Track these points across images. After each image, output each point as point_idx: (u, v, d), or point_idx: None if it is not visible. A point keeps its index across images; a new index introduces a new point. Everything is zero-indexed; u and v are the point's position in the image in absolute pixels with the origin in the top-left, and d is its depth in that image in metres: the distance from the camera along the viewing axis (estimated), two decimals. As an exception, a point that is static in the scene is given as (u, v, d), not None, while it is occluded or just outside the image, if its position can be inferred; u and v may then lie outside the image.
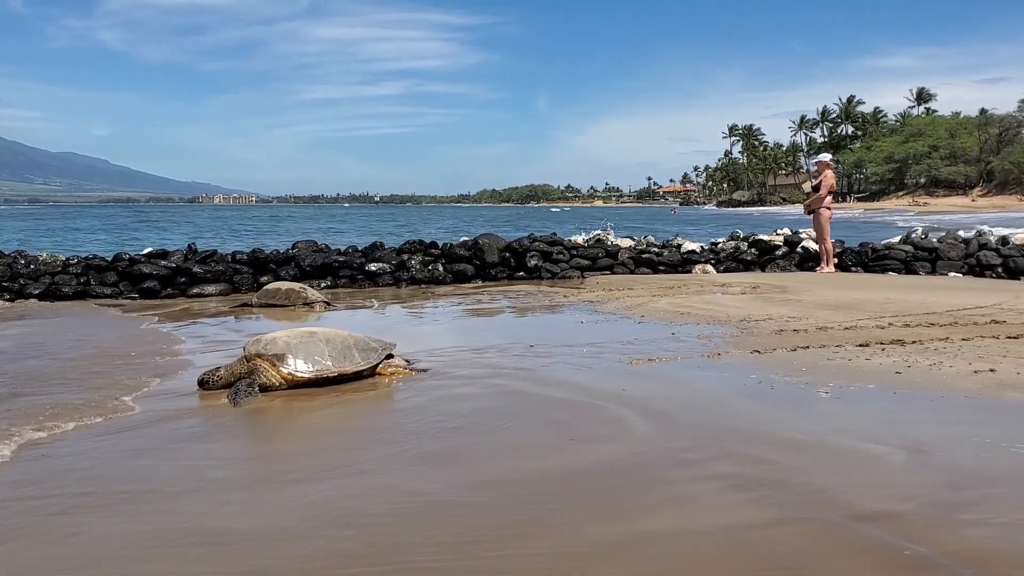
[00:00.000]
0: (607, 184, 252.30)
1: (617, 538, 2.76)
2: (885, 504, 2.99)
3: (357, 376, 5.20)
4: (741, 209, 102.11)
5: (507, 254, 12.58)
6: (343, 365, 5.11)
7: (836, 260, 12.83)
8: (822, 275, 12.24)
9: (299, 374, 4.97)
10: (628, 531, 2.81)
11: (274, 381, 4.93)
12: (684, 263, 13.39)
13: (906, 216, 51.99)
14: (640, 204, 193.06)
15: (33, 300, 9.99)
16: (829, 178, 12.74)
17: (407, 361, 5.58)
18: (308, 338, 5.13)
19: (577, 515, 2.96)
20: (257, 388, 4.84)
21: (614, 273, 12.84)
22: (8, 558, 2.67)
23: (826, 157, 13.32)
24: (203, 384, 5.02)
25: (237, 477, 3.47)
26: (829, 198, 12.70)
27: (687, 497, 3.11)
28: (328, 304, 9.34)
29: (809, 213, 12.81)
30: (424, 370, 5.49)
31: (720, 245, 14.40)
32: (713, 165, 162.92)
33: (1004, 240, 13.58)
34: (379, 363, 5.31)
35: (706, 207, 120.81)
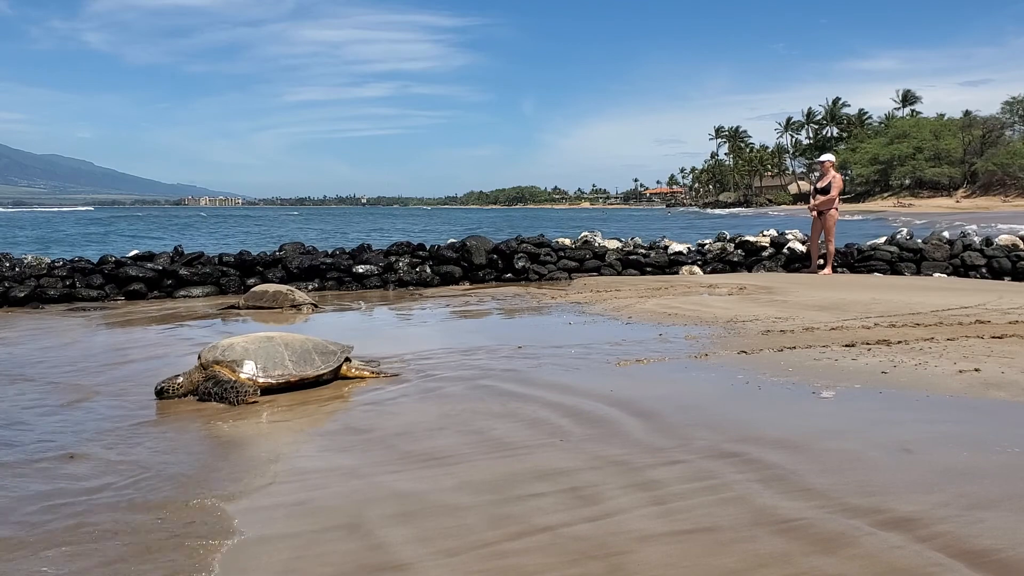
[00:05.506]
0: (594, 186, 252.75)
1: (606, 538, 2.77)
2: (873, 502, 3.02)
3: (318, 381, 5.12)
4: (739, 210, 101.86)
5: (495, 256, 12.58)
6: (304, 369, 5.02)
7: (821, 261, 12.87)
8: (808, 276, 12.28)
9: (260, 379, 4.86)
10: (618, 531, 2.82)
11: None
12: (671, 264, 13.43)
13: (899, 218, 52.21)
14: (627, 206, 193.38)
15: None
16: (838, 179, 12.72)
17: (367, 362, 5.55)
18: (266, 343, 5.02)
19: (565, 515, 2.97)
20: (229, 384, 4.74)
21: (601, 275, 12.86)
22: None
23: (830, 158, 13.23)
24: (161, 393, 4.83)
25: (231, 480, 3.46)
26: (836, 199, 12.64)
27: (676, 496, 3.13)
28: (315, 306, 9.32)
29: (818, 214, 12.55)
30: (396, 375, 5.44)
31: (707, 246, 14.45)
32: (699, 167, 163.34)
33: (988, 241, 13.70)
34: (339, 366, 5.24)
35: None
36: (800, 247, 13.62)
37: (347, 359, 5.33)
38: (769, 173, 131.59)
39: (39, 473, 3.55)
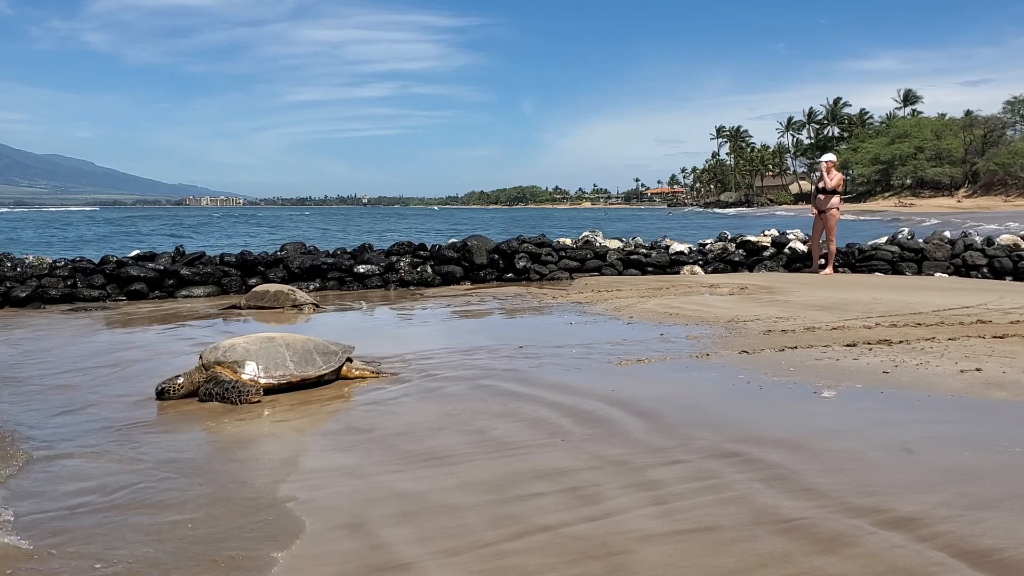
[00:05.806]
0: (595, 186, 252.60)
1: (607, 538, 2.76)
2: (874, 502, 3.01)
3: (319, 381, 5.12)
4: (745, 210, 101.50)
5: (496, 256, 12.58)
6: (305, 370, 5.02)
7: (822, 260, 12.85)
8: (809, 276, 12.27)
9: (261, 380, 4.85)
10: (618, 530, 2.82)
11: None
12: (672, 264, 13.43)
13: (911, 218, 52.01)
14: (628, 206, 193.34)
15: None
16: (838, 177, 12.73)
17: (368, 363, 5.55)
18: (267, 343, 5.02)
19: (565, 515, 2.97)
20: (231, 384, 4.74)
21: (602, 274, 12.86)
22: None
23: (831, 158, 13.23)
24: (162, 394, 4.82)
25: (233, 480, 3.47)
26: (837, 199, 12.65)
27: (677, 496, 3.13)
28: (317, 306, 9.33)
29: (819, 213, 12.56)
30: (395, 374, 5.44)
31: (708, 246, 14.44)
32: (699, 166, 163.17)
33: (989, 241, 13.70)
34: (341, 366, 5.24)
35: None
36: (801, 247, 13.62)
37: (348, 359, 5.33)
38: (770, 173, 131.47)
39: (36, 474, 3.55)
